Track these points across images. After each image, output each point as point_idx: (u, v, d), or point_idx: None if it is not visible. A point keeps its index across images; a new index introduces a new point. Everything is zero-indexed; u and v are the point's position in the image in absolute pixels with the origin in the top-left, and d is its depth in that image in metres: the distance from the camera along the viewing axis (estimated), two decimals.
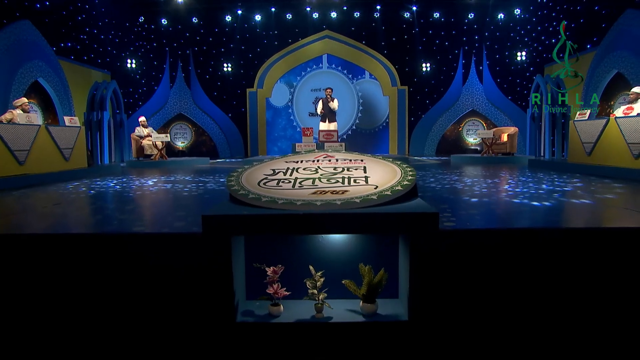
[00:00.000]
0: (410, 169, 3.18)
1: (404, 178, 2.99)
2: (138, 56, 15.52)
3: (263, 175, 3.16)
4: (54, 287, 2.75)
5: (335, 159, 3.48)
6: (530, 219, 3.46)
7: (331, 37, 16.58)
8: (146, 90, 15.56)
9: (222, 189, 5.75)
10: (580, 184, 5.75)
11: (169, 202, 4.69)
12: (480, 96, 16.02)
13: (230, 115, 16.38)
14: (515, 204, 4.13)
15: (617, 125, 7.19)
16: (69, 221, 3.56)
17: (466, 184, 6.18)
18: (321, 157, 3.53)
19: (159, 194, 5.47)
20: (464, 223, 3.15)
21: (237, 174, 3.21)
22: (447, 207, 3.86)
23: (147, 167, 10.68)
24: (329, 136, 10.08)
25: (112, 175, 8.34)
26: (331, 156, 3.55)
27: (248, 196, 2.75)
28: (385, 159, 3.48)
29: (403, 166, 3.27)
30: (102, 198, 5.09)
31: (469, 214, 3.56)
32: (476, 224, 3.17)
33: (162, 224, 3.33)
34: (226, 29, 16.23)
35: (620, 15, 11.04)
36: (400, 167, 3.23)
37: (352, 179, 3.00)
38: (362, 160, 3.42)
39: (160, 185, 6.52)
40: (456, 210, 3.73)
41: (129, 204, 4.54)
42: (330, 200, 2.62)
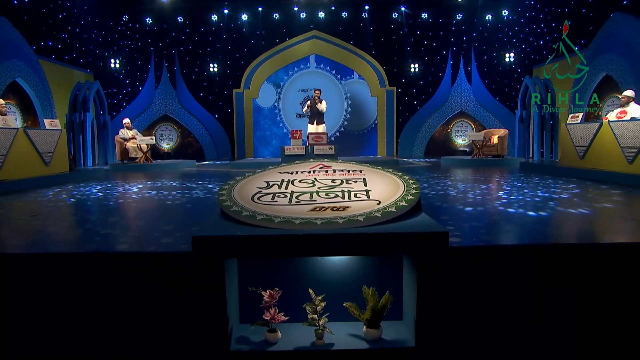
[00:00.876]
0: (414, 182, 3.01)
1: (407, 192, 2.81)
2: (122, 56, 15.15)
3: (256, 188, 2.96)
4: (27, 315, 2.51)
5: (332, 169, 3.30)
6: (538, 232, 3.31)
7: (319, 38, 16.39)
8: (130, 91, 15.20)
9: (210, 197, 5.53)
10: (577, 191, 5.65)
11: (154, 213, 4.46)
12: (469, 97, 15.98)
13: (217, 116, 16.10)
14: (518, 214, 3.99)
15: (611, 129, 7.13)
16: (46, 237, 3.31)
17: (460, 190, 6.05)
18: (317, 168, 3.35)
19: (144, 202, 5.22)
20: (470, 238, 2.99)
21: (228, 187, 3.00)
22: (447, 219, 3.71)
23: (132, 170, 10.38)
24: (319, 139, 9.89)
25: (95, 180, 8.05)
26: (328, 166, 3.36)
27: (241, 213, 2.55)
28: (385, 170, 3.31)
29: (405, 178, 3.10)
30: (84, 208, 4.83)
31: (472, 227, 3.40)
32: (482, 238, 3.02)
33: (148, 240, 3.11)
34: (212, 28, 15.94)
35: (608, 19, 11.05)
36: (402, 180, 3.06)
37: (353, 192, 2.82)
38: (361, 172, 3.24)
39: (145, 192, 6.27)
40: (458, 222, 3.57)
41: (112, 215, 4.30)
42: (331, 218, 2.44)
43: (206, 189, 6.32)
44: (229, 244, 2.33)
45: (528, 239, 3.08)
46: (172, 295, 2.50)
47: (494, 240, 3.02)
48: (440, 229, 2.40)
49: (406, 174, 3.19)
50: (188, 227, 3.49)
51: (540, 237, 3.12)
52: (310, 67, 17.03)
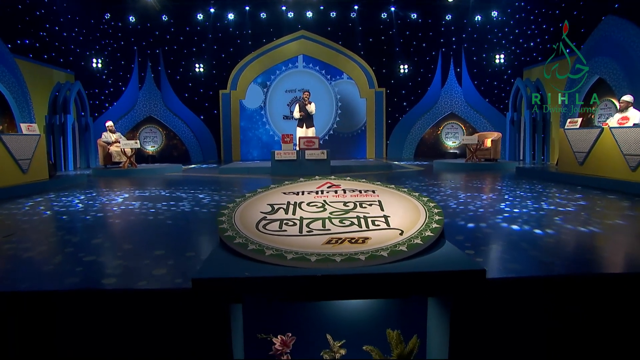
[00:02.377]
0: (434, 205, 2.74)
1: (430, 219, 2.53)
2: (104, 55, 14.61)
3: (260, 213, 2.64)
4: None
5: (342, 189, 3.00)
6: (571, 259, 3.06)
7: (307, 38, 16.07)
8: (113, 92, 14.67)
9: (200, 212, 5.19)
10: (584, 202, 5.43)
11: (142, 234, 4.10)
12: (459, 99, 15.82)
13: (202, 117, 15.68)
14: (537, 236, 3.74)
15: (612, 135, 6.97)
16: (19, 267, 2.93)
17: (460, 200, 5.80)
18: (325, 187, 3.04)
19: (129, 218, 4.86)
20: (496, 267, 2.72)
21: (228, 212, 2.68)
22: (462, 240, 3.44)
23: (115, 176, 9.94)
24: (310, 143, 9.58)
25: (77, 188, 7.62)
26: (337, 186, 3.06)
27: (247, 247, 2.23)
28: (400, 190, 3.02)
29: (424, 200, 2.82)
30: (64, 225, 4.45)
31: (494, 252, 3.13)
32: (510, 267, 2.75)
33: (137, 271, 2.77)
34: (198, 27, 15.50)
35: (600, 22, 10.95)
36: (421, 202, 2.78)
37: (370, 219, 2.53)
38: (374, 192, 2.95)
39: (130, 203, 5.89)
40: (475, 244, 3.31)
41: (95, 235, 3.94)
42: (351, 253, 2.14)
43: (195, 200, 5.96)
44: (235, 288, 2.01)
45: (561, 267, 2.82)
46: (166, 341, 2.18)
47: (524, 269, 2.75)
48: (476, 266, 2.12)
49: (424, 195, 2.91)
50: (181, 253, 3.16)
51: (574, 265, 2.87)
52: (299, 66, 16.70)
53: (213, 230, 4.02)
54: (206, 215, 4.88)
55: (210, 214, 4.94)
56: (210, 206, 5.47)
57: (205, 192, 6.79)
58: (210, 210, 5.21)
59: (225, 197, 6.18)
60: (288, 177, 8.95)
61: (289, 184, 3.15)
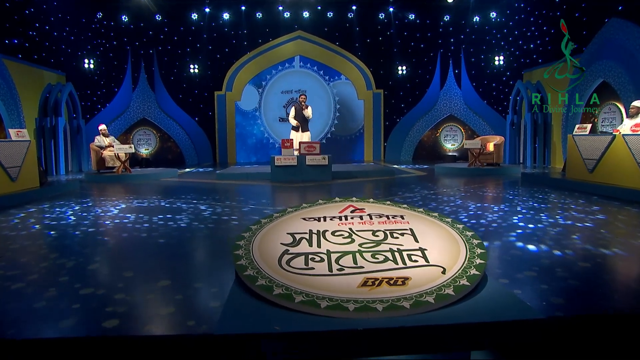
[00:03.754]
0: (472, 234, 2.49)
1: (471, 252, 2.28)
2: (96, 55, 14.21)
3: (281, 245, 2.37)
4: None
5: (367, 214, 2.73)
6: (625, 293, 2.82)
7: (304, 38, 15.79)
8: (106, 93, 14.28)
9: (200, 227, 4.90)
10: (603, 216, 5.20)
11: (143, 256, 3.81)
12: (458, 101, 15.62)
13: (197, 119, 15.33)
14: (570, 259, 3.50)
15: (625, 142, 6.77)
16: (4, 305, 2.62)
17: (470, 212, 5.56)
18: (348, 212, 2.78)
19: (127, 234, 4.56)
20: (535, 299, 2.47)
21: (244, 243, 2.41)
22: (491, 265, 3.18)
23: (109, 181, 9.59)
24: (311, 148, 9.31)
25: (69, 197, 7.28)
26: (361, 210, 2.80)
27: (272, 291, 1.96)
28: (430, 215, 2.76)
29: (458, 227, 2.57)
30: (56, 246, 4.13)
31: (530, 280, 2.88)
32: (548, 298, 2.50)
33: (142, 308, 2.49)
34: (192, 27, 15.16)
35: (604, 24, 10.78)
36: (456, 230, 2.53)
37: (406, 253, 2.27)
38: (403, 218, 2.69)
39: (125, 216, 5.58)
40: (506, 270, 3.04)
41: (92, 258, 3.64)
42: (393, 299, 1.88)
43: (195, 213, 5.66)
44: (266, 346, 1.74)
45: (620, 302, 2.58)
46: None
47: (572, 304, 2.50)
48: (537, 316, 1.86)
49: (458, 222, 2.65)
50: (188, 284, 2.87)
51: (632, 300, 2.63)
52: (295, 66, 16.40)
53: (219, 252, 3.74)
54: (209, 232, 4.59)
55: (212, 231, 4.65)
56: (212, 220, 5.17)
57: (204, 203, 6.49)
58: (212, 226, 4.93)
59: (228, 210, 5.88)
60: (288, 184, 8.76)
61: (308, 207, 2.88)
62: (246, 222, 5.04)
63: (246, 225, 4.77)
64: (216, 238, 4.40)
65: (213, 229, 4.70)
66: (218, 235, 4.52)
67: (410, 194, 7.19)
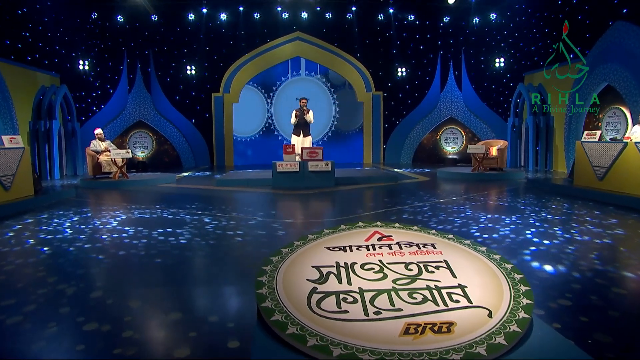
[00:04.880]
0: (511, 265, 2.30)
1: (515, 290, 2.09)
2: (91, 56, 13.90)
3: (308, 282, 2.17)
4: None
5: (395, 243, 2.54)
6: None
7: (303, 39, 15.58)
8: (101, 94, 13.98)
9: (205, 244, 4.69)
10: (622, 231, 5.03)
11: (147, 281, 3.60)
12: (458, 103, 15.46)
13: (194, 121, 15.07)
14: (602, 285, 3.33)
15: (638, 150, 6.62)
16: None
17: (481, 225, 5.39)
18: (375, 240, 2.58)
19: (127, 252, 4.35)
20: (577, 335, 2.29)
21: (267, 279, 2.21)
22: None
23: (106, 188, 9.34)
24: (314, 154, 9.11)
25: (65, 206, 7.03)
26: (388, 237, 2.60)
27: (305, 341, 1.76)
28: (462, 242, 2.57)
29: (495, 257, 2.38)
30: (54, 267, 3.90)
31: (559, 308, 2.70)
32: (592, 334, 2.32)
33: (154, 348, 2.28)
34: (189, 28, 14.89)
35: (608, 27, 10.64)
36: (493, 261, 2.34)
37: (445, 291, 2.07)
38: (435, 246, 2.50)
39: (124, 228, 5.36)
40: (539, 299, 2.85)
41: (93, 284, 3.42)
42: (441, 352, 1.68)
43: (198, 227, 5.43)
44: None
45: None
46: None
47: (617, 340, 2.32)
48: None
49: (494, 252, 2.46)
50: (201, 317, 2.67)
51: None
52: (301, 74, 16.37)
53: (229, 274, 3.54)
54: (215, 251, 4.38)
55: (218, 249, 4.44)
56: (216, 236, 4.95)
57: (207, 214, 6.27)
58: (217, 242, 4.71)
59: (233, 223, 5.66)
60: (291, 190, 8.55)
61: (330, 233, 2.67)
62: (252, 238, 4.84)
63: (253, 241, 4.59)
64: (223, 258, 4.19)
65: (218, 247, 4.48)
66: (224, 253, 4.32)
67: (419, 202, 7.01)
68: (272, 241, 4.62)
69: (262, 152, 16.20)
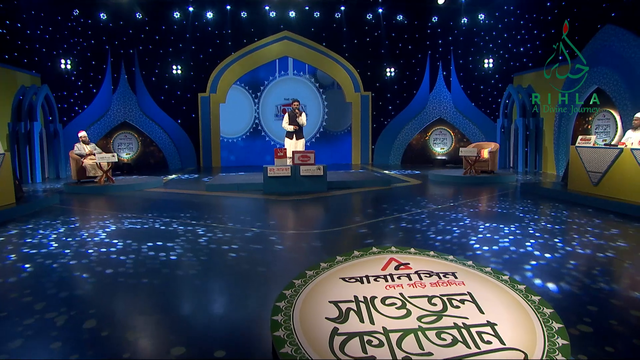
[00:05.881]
0: (538, 298, 2.18)
1: (548, 328, 1.97)
2: (73, 55, 13.48)
3: (327, 321, 2.02)
4: None
5: (414, 272, 2.40)
6: None
7: (290, 39, 15.36)
8: (84, 94, 13.57)
9: (198, 260, 4.50)
10: (625, 244, 4.95)
11: (143, 306, 3.40)
12: (448, 104, 15.42)
13: (180, 122, 14.76)
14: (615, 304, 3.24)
15: (635, 158, 6.60)
16: None
17: (480, 234, 5.31)
18: (391, 267, 2.44)
19: (112, 269, 4.14)
20: None
21: (283, 318, 2.05)
22: None
23: (91, 193, 9.04)
24: (305, 158, 8.94)
25: (50, 216, 6.74)
26: (405, 266, 2.46)
27: None
28: (483, 271, 2.44)
29: (519, 288, 2.25)
30: (38, 289, 3.66)
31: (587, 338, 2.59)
32: None
33: None
34: (174, 26, 14.56)
35: (597, 30, 10.68)
36: (518, 292, 2.22)
37: (474, 330, 1.94)
38: (455, 275, 2.36)
39: (111, 241, 5.14)
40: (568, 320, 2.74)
41: (85, 311, 3.21)
42: None
43: (190, 240, 5.22)
44: None
45: None
46: None
47: None
48: None
49: (518, 282, 2.34)
50: (206, 350, 2.49)
51: None
52: (289, 73, 16.15)
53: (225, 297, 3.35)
54: (211, 266, 4.20)
55: (212, 268, 4.24)
56: (210, 251, 4.75)
57: (200, 224, 6.06)
58: (209, 259, 4.52)
59: (228, 236, 5.47)
60: (282, 196, 8.37)
61: (343, 261, 2.52)
62: (248, 253, 4.65)
63: (249, 259, 4.37)
64: (219, 278, 4.00)
65: (212, 266, 4.28)
66: (220, 272, 4.13)
67: (416, 209, 6.90)
68: (270, 258, 4.44)
69: (250, 153, 16.02)
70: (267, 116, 16.11)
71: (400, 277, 2.36)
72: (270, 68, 16.02)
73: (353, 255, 2.60)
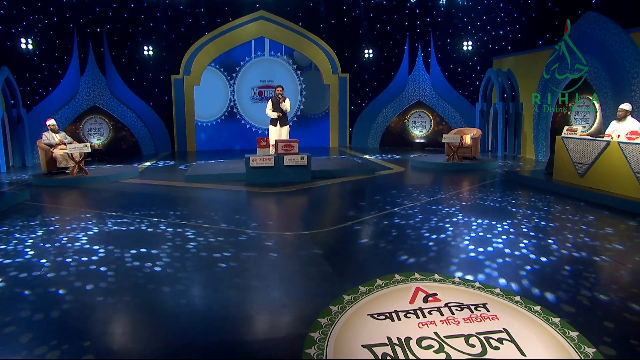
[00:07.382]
0: (577, 333, 2.07)
1: None
2: (34, 34, 12.61)
3: None
4: None
5: (444, 305, 2.25)
6: None
7: (266, 19, 14.86)
8: (49, 77, 12.77)
9: (188, 275, 4.27)
10: (621, 246, 4.93)
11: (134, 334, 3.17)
12: (427, 87, 15.33)
13: (152, 104, 14.18)
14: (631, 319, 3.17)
15: (621, 150, 6.64)
16: None
17: (472, 232, 5.24)
18: (420, 302, 2.29)
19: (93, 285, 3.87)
20: None
21: None
22: None
23: (63, 187, 8.55)
24: (289, 147, 8.69)
25: (19, 218, 6.30)
26: (434, 297, 2.32)
27: None
28: (512, 300, 2.32)
29: (554, 322, 2.14)
30: (19, 317, 3.39)
31: None
32: None
33: None
34: (144, 4, 13.84)
35: (579, 17, 10.66)
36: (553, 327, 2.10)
37: None
38: (487, 308, 2.23)
39: (92, 248, 4.83)
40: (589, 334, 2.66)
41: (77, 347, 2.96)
42: None
43: (178, 246, 4.95)
44: None
45: None
46: None
47: None
48: None
49: (551, 313, 2.23)
50: None
51: None
52: (265, 54, 15.64)
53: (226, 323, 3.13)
54: (203, 278, 3.97)
55: (201, 283, 4.01)
56: (201, 260, 4.50)
57: (184, 224, 5.78)
58: (196, 270, 4.29)
59: (221, 240, 5.22)
60: (266, 187, 8.13)
61: (367, 292, 2.35)
62: (243, 262, 4.43)
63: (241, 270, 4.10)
64: (213, 283, 3.78)
65: (201, 279, 4.04)
66: (216, 290, 3.87)
67: (410, 202, 6.80)
68: (265, 270, 4.21)
69: (225, 136, 15.61)
70: (243, 99, 15.66)
71: (431, 312, 2.22)
72: (246, 49, 15.48)
73: (376, 285, 2.44)
